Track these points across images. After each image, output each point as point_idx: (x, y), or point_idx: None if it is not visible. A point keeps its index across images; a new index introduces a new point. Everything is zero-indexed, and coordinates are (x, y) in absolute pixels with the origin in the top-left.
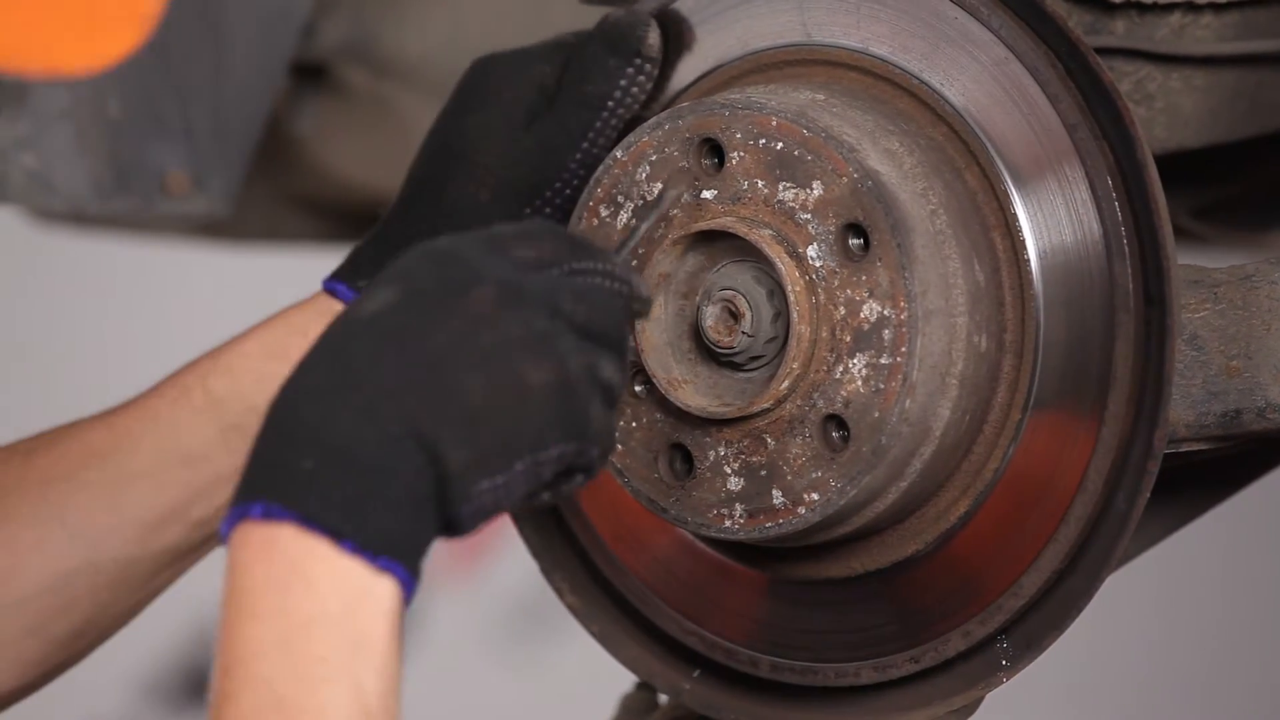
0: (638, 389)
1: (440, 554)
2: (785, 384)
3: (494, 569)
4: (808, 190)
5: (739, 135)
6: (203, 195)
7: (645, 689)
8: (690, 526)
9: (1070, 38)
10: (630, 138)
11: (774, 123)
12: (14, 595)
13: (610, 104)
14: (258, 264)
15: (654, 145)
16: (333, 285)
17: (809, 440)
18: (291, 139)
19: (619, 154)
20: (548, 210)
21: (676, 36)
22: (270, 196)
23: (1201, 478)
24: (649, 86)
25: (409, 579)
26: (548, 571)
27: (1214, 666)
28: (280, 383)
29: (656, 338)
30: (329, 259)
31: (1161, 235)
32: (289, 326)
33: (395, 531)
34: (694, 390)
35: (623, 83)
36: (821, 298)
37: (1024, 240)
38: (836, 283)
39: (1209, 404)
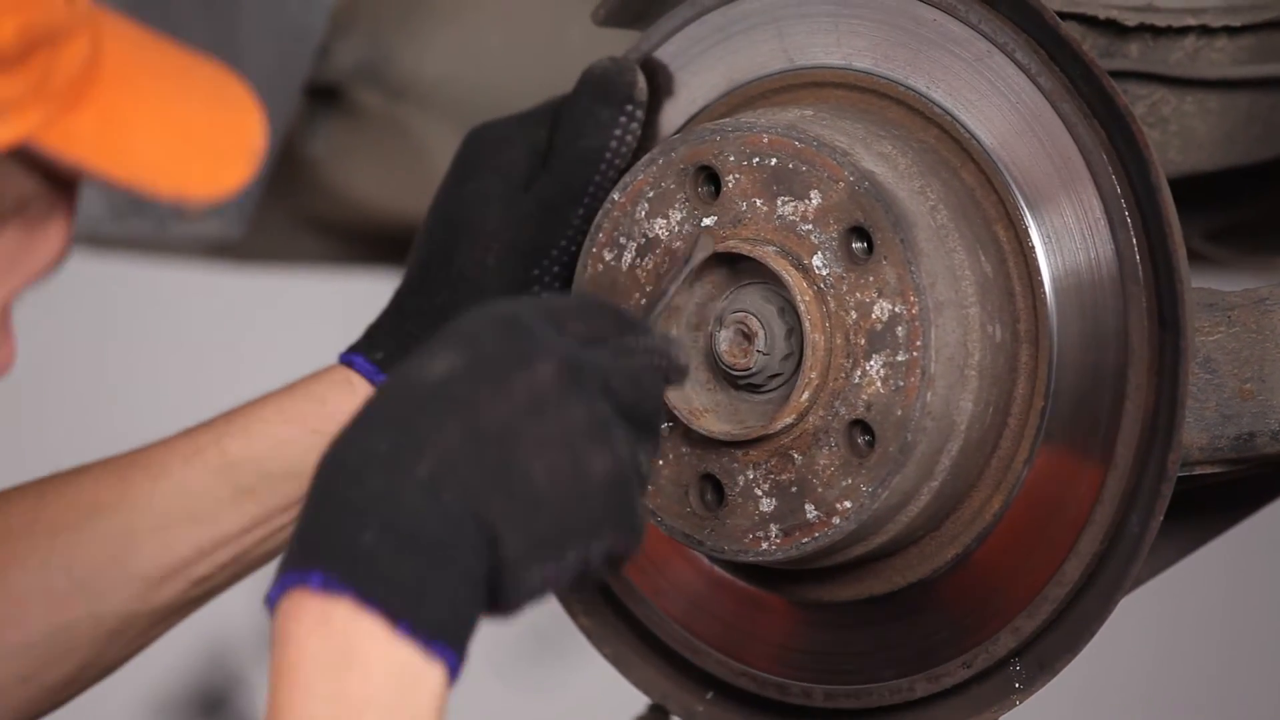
0: (662, 426)
1: None
2: (805, 395)
3: None
4: (806, 201)
5: (732, 158)
6: (217, 217)
7: (657, 711)
8: (727, 555)
9: (1085, 60)
10: (626, 178)
11: (765, 139)
12: (14, 641)
13: (607, 155)
14: (271, 286)
15: (650, 181)
16: (350, 358)
17: (835, 449)
18: (306, 161)
19: (616, 195)
20: (555, 269)
21: (657, 82)
22: (284, 218)
23: (1215, 500)
24: (639, 133)
25: (457, 663)
26: (561, 593)
27: (1221, 686)
28: (323, 443)
29: None
30: (342, 281)
31: (1176, 259)
32: (307, 395)
33: (449, 616)
34: (716, 418)
35: (617, 132)
36: (832, 305)
37: (1027, 229)
38: (845, 287)
39: (1222, 427)
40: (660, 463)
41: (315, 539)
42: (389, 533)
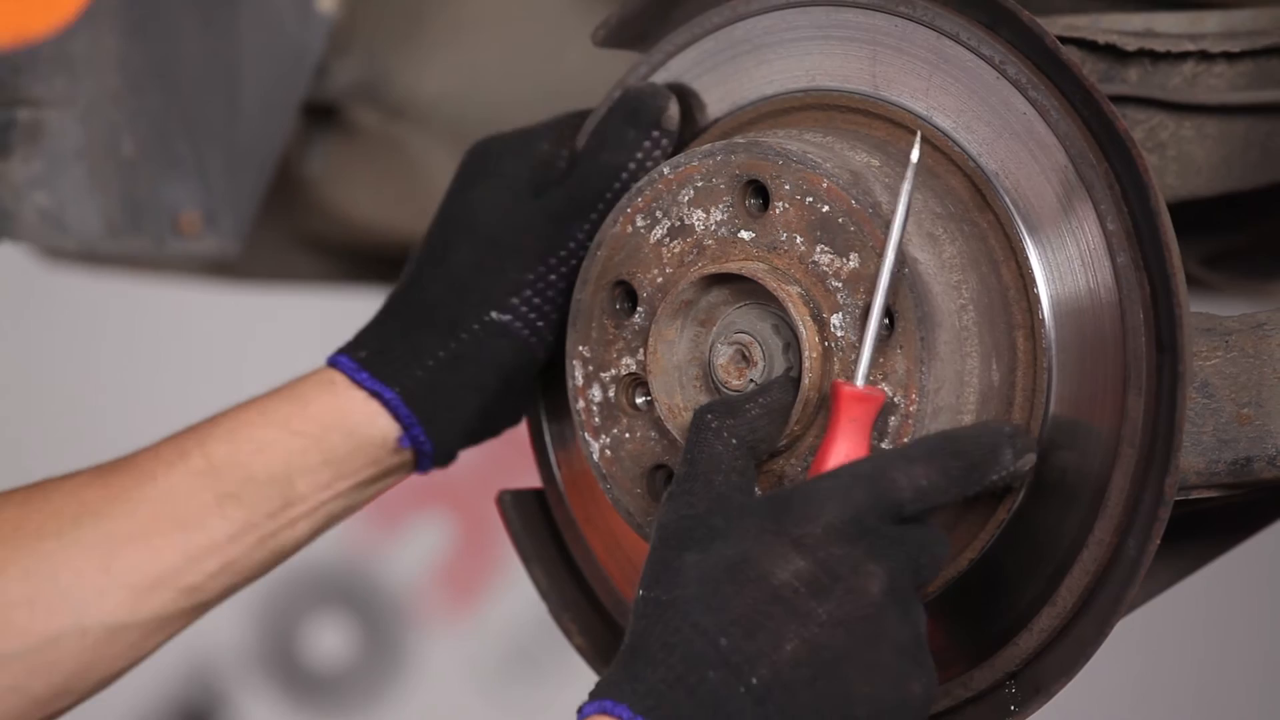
0: (639, 401)
1: (436, 593)
2: (783, 442)
3: (490, 609)
4: (844, 260)
5: (787, 187)
6: (214, 235)
7: None
8: None
9: (1085, 86)
10: (680, 158)
11: (825, 185)
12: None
13: (624, 175)
14: (268, 304)
15: (701, 172)
16: (335, 359)
17: None
18: (302, 179)
19: (666, 170)
20: (552, 277)
21: (690, 110)
22: (280, 237)
23: (1212, 525)
24: (660, 161)
25: None
26: (556, 613)
27: (1215, 708)
28: (304, 445)
29: (667, 360)
30: (337, 299)
31: (1174, 283)
32: (290, 397)
33: None
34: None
35: (639, 155)
36: (836, 368)
37: (1045, 339)
38: (854, 357)
39: (1220, 451)
40: (627, 436)
41: (639, 687)
42: (706, 715)
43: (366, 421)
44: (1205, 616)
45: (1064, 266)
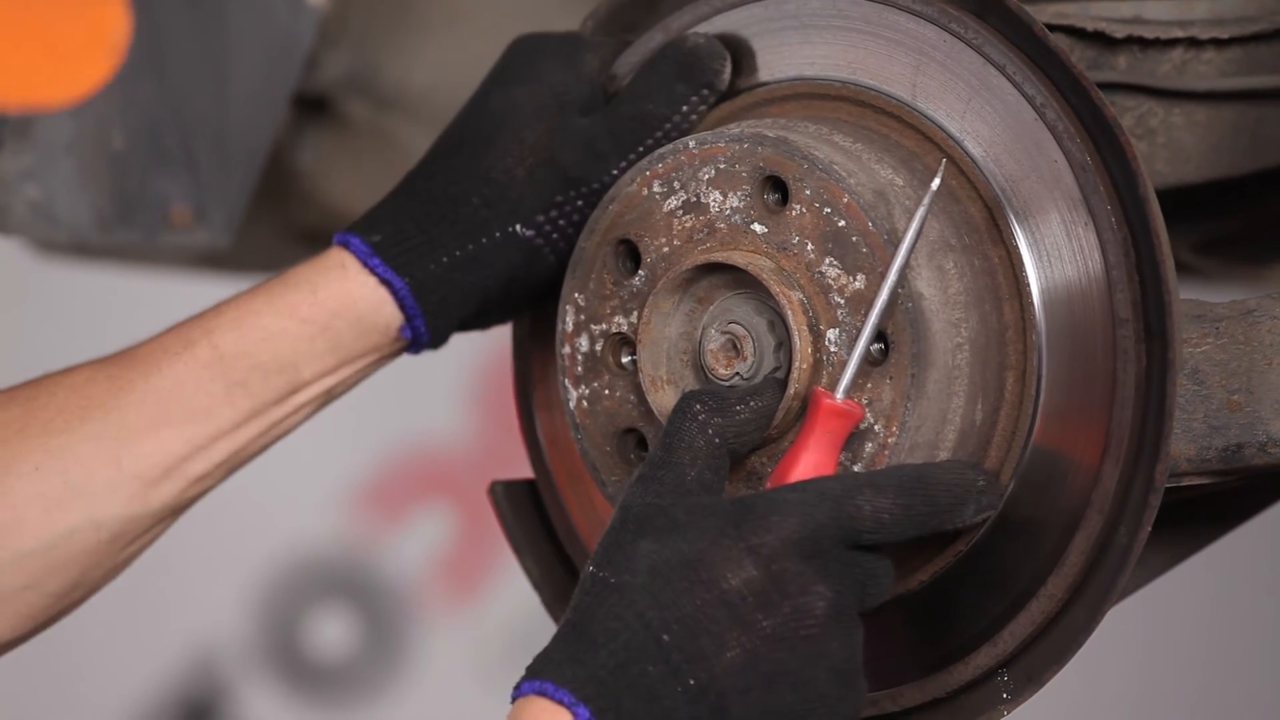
0: (625, 360)
1: (438, 584)
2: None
3: (491, 600)
4: (851, 278)
5: (808, 192)
6: (205, 227)
7: None
8: None
9: (1073, 73)
10: (708, 135)
11: (845, 200)
12: (15, 549)
13: (666, 126)
14: None
15: (726, 155)
16: (345, 238)
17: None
18: (293, 171)
19: (691, 144)
20: (580, 203)
21: (739, 64)
22: (271, 228)
23: (1202, 511)
24: (706, 115)
25: None
26: (549, 604)
27: (1208, 695)
28: (312, 332)
29: (658, 331)
30: None
31: (1164, 270)
32: (298, 283)
33: None
34: (671, 394)
35: (684, 108)
36: (824, 381)
37: (1035, 386)
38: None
39: (1210, 438)
40: (606, 392)
41: (579, 672)
42: (642, 709)
43: (373, 309)
44: (1198, 604)
45: (1060, 288)
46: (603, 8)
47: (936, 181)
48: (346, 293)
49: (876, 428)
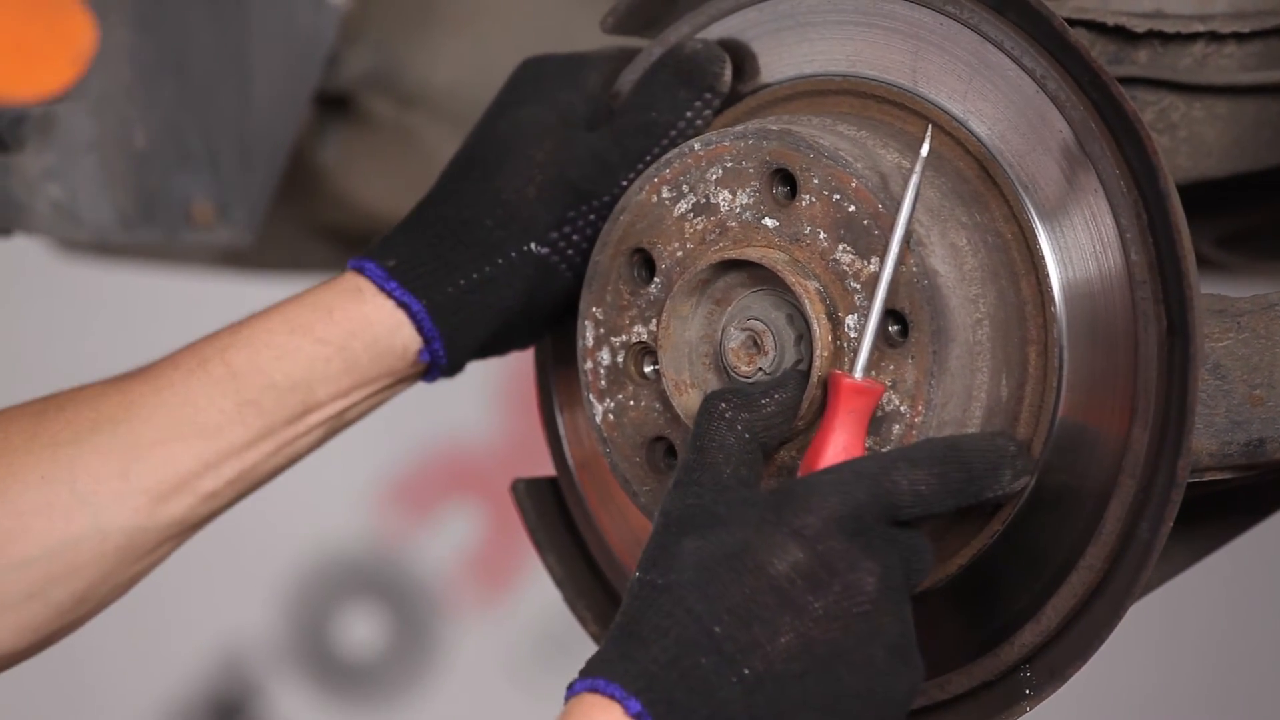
0: (647, 370)
1: (467, 582)
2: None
3: (521, 597)
4: (865, 262)
5: (816, 181)
6: (227, 225)
7: None
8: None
9: (1093, 68)
10: (712, 136)
11: (853, 185)
12: (17, 557)
13: (672, 133)
14: (281, 294)
15: (732, 154)
16: (359, 263)
17: None
18: (315, 169)
19: (697, 146)
20: (592, 217)
21: (741, 68)
22: (294, 227)
23: (1225, 507)
24: (711, 119)
25: None
26: (571, 601)
27: (1229, 690)
28: (327, 353)
29: (678, 335)
30: None
31: (1185, 265)
32: (314, 304)
33: None
34: (696, 397)
35: (688, 114)
36: (846, 367)
37: (1058, 358)
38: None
39: (1232, 433)
40: (631, 403)
41: (630, 667)
42: (697, 701)
43: (389, 332)
44: (1222, 600)
45: (1081, 282)
46: (622, 5)
47: (925, 148)
48: (363, 315)
49: (902, 408)
